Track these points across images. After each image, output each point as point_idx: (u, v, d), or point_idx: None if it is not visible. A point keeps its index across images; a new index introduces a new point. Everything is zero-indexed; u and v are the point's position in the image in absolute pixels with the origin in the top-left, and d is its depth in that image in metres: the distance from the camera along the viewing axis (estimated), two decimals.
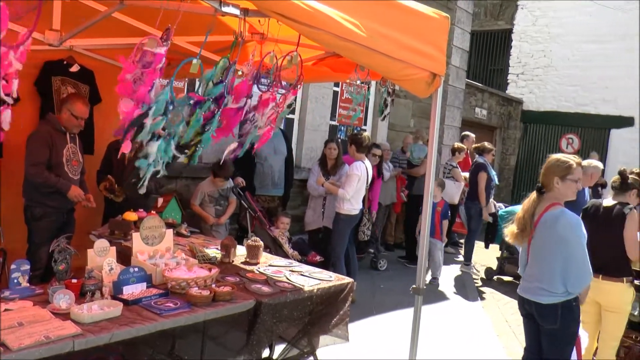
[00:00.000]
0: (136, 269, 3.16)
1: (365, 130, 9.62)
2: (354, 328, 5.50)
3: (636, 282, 4.69)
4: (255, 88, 3.53)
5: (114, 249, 3.44)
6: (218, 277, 3.43)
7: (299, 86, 3.94)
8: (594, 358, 4.66)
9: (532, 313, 3.77)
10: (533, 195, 3.83)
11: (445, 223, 7.96)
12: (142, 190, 2.88)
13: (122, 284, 3.05)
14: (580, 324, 3.77)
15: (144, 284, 3.15)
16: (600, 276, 4.49)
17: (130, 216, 4.69)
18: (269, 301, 3.25)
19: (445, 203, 7.99)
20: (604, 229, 4.58)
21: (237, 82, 3.37)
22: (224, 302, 3.10)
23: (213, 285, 3.24)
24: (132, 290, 3.06)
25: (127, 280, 3.08)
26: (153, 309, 2.86)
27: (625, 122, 15.63)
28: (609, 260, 4.51)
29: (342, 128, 9.49)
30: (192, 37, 4.27)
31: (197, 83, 3.13)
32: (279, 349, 3.64)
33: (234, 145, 3.76)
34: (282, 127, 7.51)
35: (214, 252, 4.23)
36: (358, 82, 4.13)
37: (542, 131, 16.87)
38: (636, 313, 4.93)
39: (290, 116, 8.42)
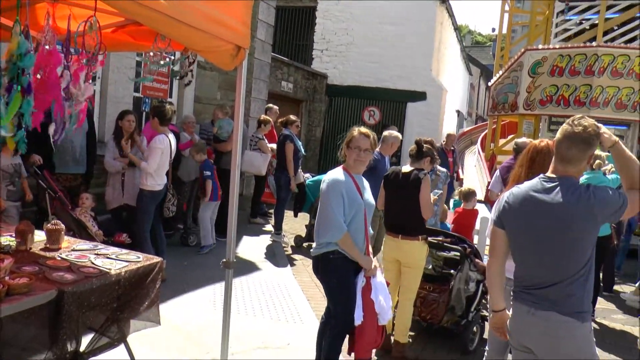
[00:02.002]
0: None
1: (170, 102, 9.32)
2: (166, 308, 5.39)
3: (429, 239, 5.21)
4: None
5: None
6: (13, 267, 3.11)
7: (101, 55, 3.66)
8: (395, 310, 5.08)
9: None
10: None
11: (209, 183, 7.69)
12: None
13: None
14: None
15: None
16: (400, 236, 4.95)
17: None
18: (73, 289, 3.02)
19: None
20: (403, 193, 4.98)
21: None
22: (20, 295, 2.82)
23: (7, 278, 2.92)
24: None
25: None
26: None
27: (419, 96, 17.13)
28: (407, 221, 4.96)
29: (147, 100, 9.10)
30: None
31: None
32: (86, 340, 3.42)
33: (52, 127, 3.43)
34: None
35: (7, 239, 3.83)
36: (163, 53, 3.95)
37: (346, 104, 17.77)
38: (430, 267, 5.45)
39: None
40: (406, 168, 5.12)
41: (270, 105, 11.11)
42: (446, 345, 5.49)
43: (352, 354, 4.10)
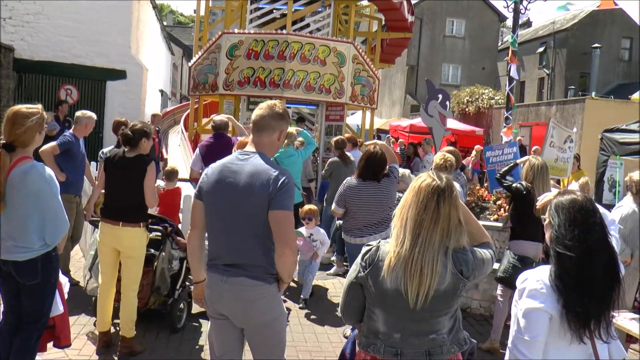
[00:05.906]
0: None
1: None
2: None
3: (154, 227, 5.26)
4: None
5: None
6: None
7: None
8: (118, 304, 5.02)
9: (9, 272, 3.70)
10: None
11: None
12: None
13: None
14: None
15: None
16: (121, 223, 4.78)
17: None
18: None
19: None
20: (126, 178, 4.83)
21: None
22: None
23: None
24: None
25: None
26: None
27: (118, 75, 16.60)
28: (129, 207, 4.81)
29: None
30: None
31: None
32: None
33: None
34: None
35: None
36: None
37: (39, 81, 16.35)
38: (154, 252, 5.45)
39: None
40: (130, 152, 4.92)
41: None
42: (155, 327, 5.54)
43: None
